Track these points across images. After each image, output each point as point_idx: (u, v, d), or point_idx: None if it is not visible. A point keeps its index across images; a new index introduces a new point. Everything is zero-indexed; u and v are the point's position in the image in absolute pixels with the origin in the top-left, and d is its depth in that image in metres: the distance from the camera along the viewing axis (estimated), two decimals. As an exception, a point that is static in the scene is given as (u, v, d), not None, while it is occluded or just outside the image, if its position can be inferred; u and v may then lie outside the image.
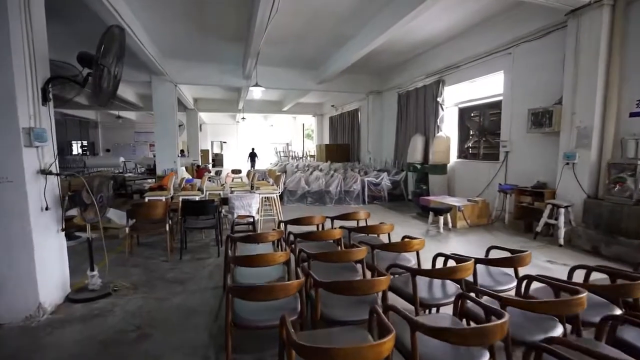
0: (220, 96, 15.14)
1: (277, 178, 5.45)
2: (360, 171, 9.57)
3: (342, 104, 14.44)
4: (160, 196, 4.96)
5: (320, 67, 9.83)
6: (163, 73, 8.68)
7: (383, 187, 8.38)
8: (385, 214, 7.21)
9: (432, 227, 5.72)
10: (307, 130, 22.63)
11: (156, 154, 9.18)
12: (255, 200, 4.41)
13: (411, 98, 9.08)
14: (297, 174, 8.77)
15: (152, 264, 3.95)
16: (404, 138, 9.54)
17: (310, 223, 3.54)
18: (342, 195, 8.17)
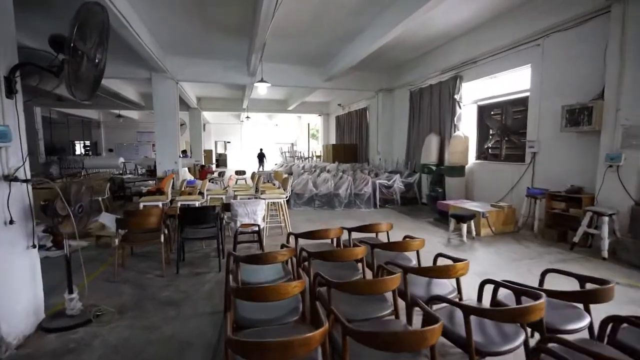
0: (224, 95, 14.74)
1: (285, 181, 4.99)
2: (371, 173, 9.08)
3: (349, 103, 13.96)
4: (156, 201, 4.52)
5: (327, 64, 9.36)
6: (164, 70, 8.26)
7: (395, 190, 7.89)
8: (399, 219, 6.72)
9: (453, 235, 5.22)
10: (312, 130, 22.17)
11: (156, 154, 8.77)
12: (261, 207, 3.96)
13: (425, 95, 8.57)
14: (304, 175, 8.31)
15: (146, 279, 3.50)
16: (416, 138, 9.04)
17: (325, 237, 3.06)
18: (352, 199, 7.69)
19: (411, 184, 8.16)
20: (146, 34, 6.67)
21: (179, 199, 4.63)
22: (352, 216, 6.97)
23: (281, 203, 4.87)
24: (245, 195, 5.22)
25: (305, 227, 5.92)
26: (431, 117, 8.32)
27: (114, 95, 12.17)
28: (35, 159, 14.18)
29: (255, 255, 2.21)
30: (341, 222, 6.28)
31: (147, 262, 4.03)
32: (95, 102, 14.05)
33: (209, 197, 5.19)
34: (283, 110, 16.51)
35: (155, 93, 8.67)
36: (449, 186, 7.17)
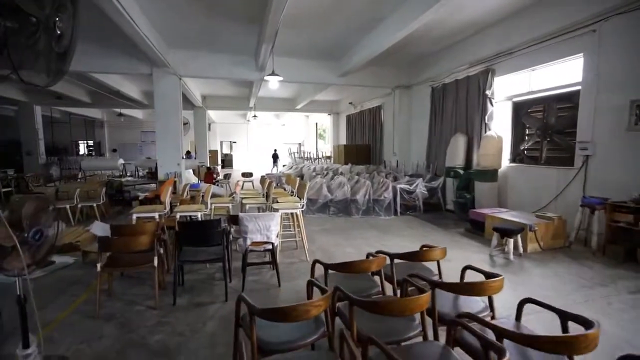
0: (230, 93, 14.11)
1: (301, 187, 4.29)
2: (388, 176, 8.37)
3: (361, 101, 13.25)
4: (152, 212, 3.86)
5: (342, 58, 8.66)
6: (166, 64, 7.64)
7: (418, 196, 7.17)
8: (426, 229, 6.00)
9: (496, 251, 4.49)
10: (320, 130, 21.48)
11: (158, 155, 8.14)
12: (276, 221, 3.28)
13: (449, 92, 7.84)
14: (317, 179, 7.63)
15: (135, 313, 2.84)
16: (438, 138, 8.30)
17: (365, 269, 2.34)
18: (371, 205, 6.99)
19: (435, 189, 7.43)
20: (146, 24, 6.05)
21: (178, 210, 3.96)
22: (372, 225, 6.27)
23: (297, 214, 4.18)
24: (254, 203, 4.55)
25: (321, 239, 5.24)
26: (456, 115, 7.59)
27: (116, 93, 11.61)
28: (35, 159, 13.71)
29: (278, 310, 1.53)
30: (361, 234, 5.61)
31: (139, 286, 3.38)
32: (96, 101, 13.54)
33: (214, 206, 4.53)
34: (291, 109, 15.85)
35: (157, 89, 8.05)
36: (479, 192, 6.44)
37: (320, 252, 4.57)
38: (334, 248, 4.79)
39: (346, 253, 4.57)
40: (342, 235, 5.58)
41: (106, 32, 6.79)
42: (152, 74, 7.95)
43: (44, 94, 11.98)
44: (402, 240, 5.25)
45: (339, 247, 4.85)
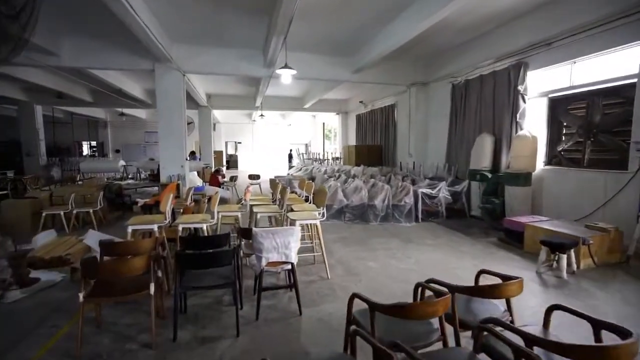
0: (236, 92, 13.62)
1: (320, 194, 3.73)
2: (405, 179, 7.80)
3: (372, 100, 12.69)
4: (149, 224, 3.33)
5: (357, 53, 8.12)
6: (169, 59, 7.14)
7: (441, 201, 6.59)
8: (453, 238, 5.42)
9: (544, 268, 3.91)
10: (326, 130, 20.94)
11: (160, 157, 7.65)
12: (296, 237, 2.73)
13: (472, 88, 7.25)
14: (330, 182, 7.08)
15: (125, 353, 2.31)
16: (460, 138, 7.72)
17: (429, 314, 1.72)
18: (390, 211, 6.42)
19: (458, 193, 6.84)
20: (149, 16, 5.57)
21: (181, 221, 3.43)
22: (392, 233, 5.71)
23: (316, 225, 3.64)
24: (266, 212, 4.01)
25: (338, 250, 4.69)
26: (481, 113, 7.00)
27: (118, 92, 11.15)
28: (36, 160, 13.30)
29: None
30: (383, 244, 5.04)
31: (133, 313, 2.84)
32: (98, 100, 13.12)
33: (221, 214, 3.99)
34: (298, 109, 15.32)
35: (159, 86, 7.55)
36: (511, 197, 5.85)
37: (340, 267, 4.02)
38: (355, 262, 4.24)
39: (370, 268, 4.01)
40: (361, 245, 5.02)
41: (106, 26, 6.33)
42: (154, 69, 7.46)
43: (45, 92, 11.57)
44: (430, 251, 4.69)
45: (361, 260, 4.30)
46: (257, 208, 4.06)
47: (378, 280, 3.63)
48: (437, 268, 4.01)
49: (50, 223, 5.83)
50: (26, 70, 9.07)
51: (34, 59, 6.78)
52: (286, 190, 4.10)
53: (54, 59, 6.98)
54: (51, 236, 4.63)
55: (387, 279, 3.68)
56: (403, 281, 3.61)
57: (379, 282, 3.60)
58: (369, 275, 3.80)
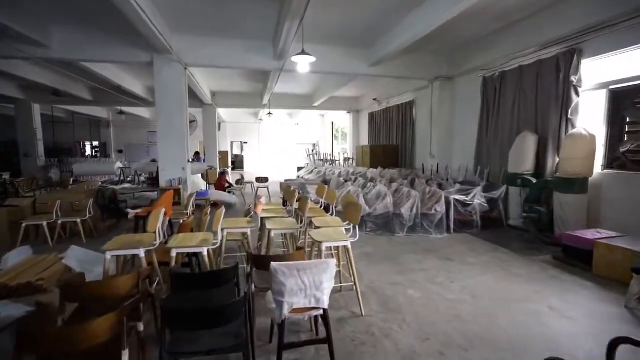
0: (242, 89, 12.91)
1: (352, 210, 2.92)
2: (430, 182, 6.99)
3: (387, 97, 11.88)
4: (133, 249, 2.58)
5: (375, 44, 7.35)
6: (169, 50, 6.42)
7: (476, 209, 5.78)
8: (497, 255, 4.61)
9: (635, 302, 3.09)
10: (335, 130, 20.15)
11: (159, 158, 6.93)
12: (330, 274, 1.96)
13: (509, 81, 6.42)
14: (348, 187, 6.31)
15: None
16: (493, 138, 6.89)
17: None
18: (419, 220, 5.63)
19: (494, 200, 6.02)
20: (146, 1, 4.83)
21: (175, 245, 2.66)
22: (424, 248, 4.92)
23: (347, 248, 2.86)
24: (281, 229, 3.24)
25: (365, 270, 3.93)
26: (520, 109, 6.17)
27: (117, 89, 10.50)
28: (33, 161, 12.71)
29: None
30: (417, 262, 4.20)
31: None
32: (98, 98, 12.50)
33: (226, 232, 3.22)
34: (308, 107, 14.57)
35: (158, 80, 6.84)
36: (562, 206, 5.03)
37: (374, 298, 3.25)
38: (390, 289, 3.46)
39: (411, 300, 3.23)
40: (391, 264, 4.25)
41: (99, 14, 5.68)
42: (153, 61, 6.75)
43: (40, 89, 10.95)
44: (478, 274, 3.89)
45: (397, 287, 3.52)
46: (271, 223, 3.30)
47: (426, 319, 2.85)
48: (495, 301, 3.21)
49: (33, 235, 5.15)
50: (18, 65, 8.45)
51: (21, 50, 6.12)
52: (307, 201, 3.33)
53: (42, 50, 6.31)
54: (26, 254, 3.90)
55: (436, 316, 2.90)
56: (458, 319, 2.82)
57: (428, 321, 2.81)
58: (412, 310, 3.01)
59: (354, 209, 2.89)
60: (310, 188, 6.56)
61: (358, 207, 2.86)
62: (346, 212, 3.05)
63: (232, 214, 7.63)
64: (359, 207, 2.87)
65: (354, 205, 2.95)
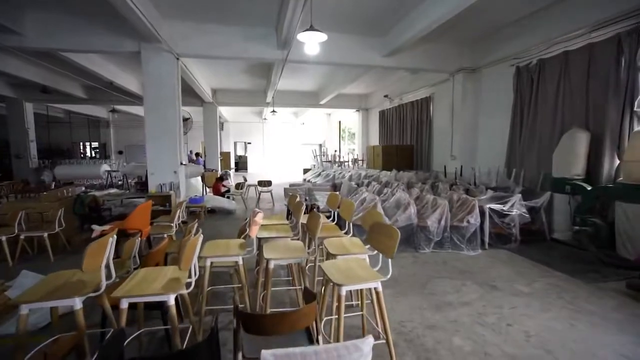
0: (244, 86, 12.12)
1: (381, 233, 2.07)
2: (454, 188, 6.11)
3: (400, 93, 11.00)
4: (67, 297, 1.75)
5: (390, 31, 6.52)
6: (158, 39, 5.64)
7: (515, 220, 4.88)
8: (554, 282, 3.71)
9: None
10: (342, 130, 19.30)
11: (148, 160, 6.14)
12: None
13: (550, 70, 5.52)
14: (363, 193, 5.45)
15: None
16: (529, 136, 5.99)
17: None
18: (448, 234, 4.75)
19: (536, 209, 5.11)
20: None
21: (123, 293, 1.79)
22: (458, 268, 4.05)
23: (377, 292, 2.02)
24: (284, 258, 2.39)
25: (392, 304, 3.09)
26: (565, 102, 5.27)
27: (109, 85, 9.77)
28: (26, 163, 12.04)
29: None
30: (454, 291, 3.23)
31: None
32: (93, 96, 11.80)
33: (209, 261, 2.38)
34: (314, 105, 13.74)
35: (147, 72, 6.06)
36: (628, 219, 4.13)
37: (407, 350, 2.40)
38: (428, 336, 2.60)
39: (461, 354, 2.36)
40: (423, 294, 3.39)
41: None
42: (140, 51, 5.97)
43: (29, 87, 10.27)
44: (537, 311, 3.00)
45: (437, 332, 2.66)
46: (270, 249, 2.46)
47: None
48: (581, 358, 2.32)
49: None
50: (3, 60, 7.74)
51: (-9, 37, 5.40)
52: (318, 220, 2.48)
53: (15, 38, 5.56)
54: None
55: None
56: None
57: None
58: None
59: (388, 235, 2.03)
60: (318, 195, 5.72)
61: (394, 234, 2.01)
62: (374, 238, 2.19)
63: (231, 222, 6.84)
64: (396, 233, 2.01)
65: (386, 230, 2.09)
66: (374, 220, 2.36)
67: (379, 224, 2.22)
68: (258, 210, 2.76)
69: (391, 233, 2.02)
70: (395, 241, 1.99)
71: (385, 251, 2.08)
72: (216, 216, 7.19)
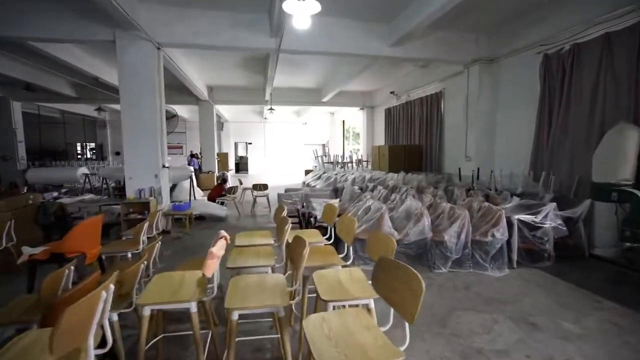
0: (242, 82, 11.42)
1: (397, 280, 1.34)
2: (471, 193, 5.34)
3: (407, 90, 10.22)
4: None
5: (397, 17, 5.77)
6: (134, 25, 4.95)
7: (548, 234, 4.09)
8: (606, 315, 2.93)
9: None
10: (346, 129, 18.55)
11: (125, 163, 5.45)
12: None
13: (588, 56, 4.72)
14: (367, 200, 4.70)
15: None
16: (560, 133, 5.19)
17: None
18: (468, 250, 3.98)
19: (574, 221, 4.31)
20: None
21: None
22: (483, 296, 3.29)
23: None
24: (257, 309, 1.67)
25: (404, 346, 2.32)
26: (607, 93, 4.47)
27: (95, 82, 9.15)
28: (13, 165, 11.46)
29: None
30: (481, 330, 2.57)
31: None
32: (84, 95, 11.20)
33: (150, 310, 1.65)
34: (316, 103, 13.02)
35: (122, 64, 5.38)
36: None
37: None
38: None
39: None
40: (442, 334, 2.64)
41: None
42: (115, 40, 5.28)
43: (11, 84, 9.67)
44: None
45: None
46: (235, 291, 1.73)
47: None
48: None
49: None
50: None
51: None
52: (304, 248, 1.75)
53: (-28, 26, 4.93)
54: None
55: None
56: None
57: None
58: None
59: (406, 282, 1.28)
60: (316, 203, 4.98)
61: (417, 286, 1.26)
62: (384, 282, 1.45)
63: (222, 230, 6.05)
64: (419, 285, 1.26)
65: (403, 274, 1.33)
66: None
67: (393, 263, 1.46)
68: (223, 233, 2.02)
69: (411, 281, 1.27)
70: (419, 298, 1.24)
71: (402, 309, 1.33)
72: (205, 224, 6.49)
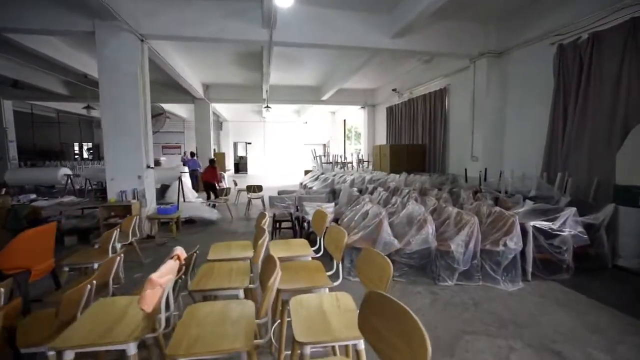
0: (238, 80, 11.05)
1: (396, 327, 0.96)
2: (479, 196, 4.92)
3: (410, 87, 9.80)
4: None
5: (397, 6, 5.37)
6: (114, 15, 4.56)
7: (567, 242, 3.66)
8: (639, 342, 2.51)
9: None
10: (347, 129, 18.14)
11: (106, 164, 5.08)
12: None
13: (610, 45, 4.29)
14: (366, 204, 4.29)
15: None
16: (576, 132, 4.76)
17: None
18: (477, 261, 3.57)
19: (596, 228, 3.88)
20: None
21: None
22: (496, 315, 2.87)
23: None
24: (210, 354, 1.28)
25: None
26: (631, 86, 4.05)
27: (84, 79, 8.81)
28: (4, 165, 11.17)
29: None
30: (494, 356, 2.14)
31: None
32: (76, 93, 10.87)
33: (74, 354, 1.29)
34: (315, 101, 12.63)
35: (102, 56, 5.01)
36: None
37: None
38: None
39: None
40: (451, 366, 2.23)
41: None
42: (95, 31, 4.91)
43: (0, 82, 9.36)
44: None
45: None
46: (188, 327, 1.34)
47: None
48: None
49: None
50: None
51: None
52: (274, 273, 1.36)
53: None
54: None
55: None
56: None
57: None
58: None
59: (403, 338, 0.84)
60: (310, 207, 4.57)
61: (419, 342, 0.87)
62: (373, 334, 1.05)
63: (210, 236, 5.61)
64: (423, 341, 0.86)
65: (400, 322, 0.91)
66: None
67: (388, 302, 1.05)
68: (177, 250, 1.62)
69: (411, 336, 0.89)
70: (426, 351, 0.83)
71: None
72: (195, 228, 6.10)
